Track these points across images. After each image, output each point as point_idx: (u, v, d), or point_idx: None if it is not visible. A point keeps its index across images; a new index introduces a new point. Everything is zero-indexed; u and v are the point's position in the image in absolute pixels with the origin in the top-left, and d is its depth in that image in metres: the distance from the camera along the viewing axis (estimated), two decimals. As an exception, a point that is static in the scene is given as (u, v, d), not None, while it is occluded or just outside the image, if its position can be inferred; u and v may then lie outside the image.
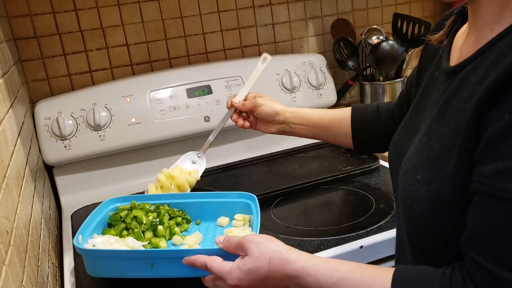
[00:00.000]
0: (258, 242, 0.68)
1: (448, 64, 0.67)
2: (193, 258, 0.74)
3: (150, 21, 1.44)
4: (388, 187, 1.17)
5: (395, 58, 1.43)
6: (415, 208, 0.61)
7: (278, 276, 0.65)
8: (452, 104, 0.60)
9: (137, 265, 0.78)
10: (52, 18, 1.33)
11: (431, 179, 0.59)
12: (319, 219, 1.07)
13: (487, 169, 0.51)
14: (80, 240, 0.83)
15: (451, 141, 0.57)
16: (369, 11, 1.69)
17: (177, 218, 0.95)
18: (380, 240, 0.95)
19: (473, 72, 0.58)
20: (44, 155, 1.25)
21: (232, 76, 1.42)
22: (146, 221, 0.91)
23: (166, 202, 0.98)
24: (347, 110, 1.01)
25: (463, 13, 0.70)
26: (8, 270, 0.58)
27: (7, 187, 0.70)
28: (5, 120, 0.82)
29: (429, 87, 0.71)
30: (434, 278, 0.55)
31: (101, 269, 0.80)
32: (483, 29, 0.60)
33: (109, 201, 0.96)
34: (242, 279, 0.67)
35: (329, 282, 0.61)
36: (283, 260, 0.65)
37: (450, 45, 0.70)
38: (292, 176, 1.30)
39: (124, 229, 0.90)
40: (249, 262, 0.67)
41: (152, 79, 1.37)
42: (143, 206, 0.94)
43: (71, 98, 1.30)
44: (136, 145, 1.33)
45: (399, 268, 0.59)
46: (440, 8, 1.79)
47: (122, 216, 0.92)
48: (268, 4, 1.56)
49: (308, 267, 0.63)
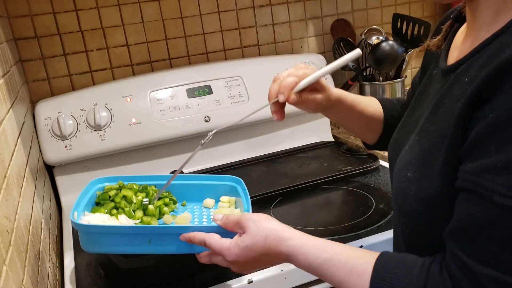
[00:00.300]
0: (256, 220, 0.70)
1: (446, 63, 0.68)
2: (191, 234, 0.75)
3: (150, 21, 1.44)
4: (388, 187, 1.17)
5: (394, 58, 1.44)
6: (406, 205, 0.63)
7: (272, 252, 0.68)
8: (444, 103, 0.61)
9: (135, 240, 0.79)
10: (53, 18, 1.34)
11: (420, 177, 0.60)
12: (319, 219, 1.08)
13: (469, 166, 0.52)
14: (75, 216, 0.83)
15: (440, 140, 0.58)
16: (369, 12, 1.69)
17: (165, 198, 0.97)
18: (379, 240, 0.95)
19: (465, 72, 0.59)
20: (45, 155, 1.26)
21: (232, 76, 1.42)
22: (136, 200, 0.92)
23: (153, 183, 0.99)
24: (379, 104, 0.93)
25: (459, 17, 0.71)
26: (9, 269, 0.58)
27: (8, 187, 0.70)
28: (6, 120, 0.83)
29: (426, 86, 0.72)
30: (414, 266, 0.57)
31: (97, 244, 0.80)
32: (480, 30, 0.60)
33: (96, 180, 0.97)
34: (239, 255, 0.70)
35: (317, 261, 0.64)
36: (278, 238, 0.68)
37: (449, 45, 0.71)
38: (292, 176, 1.30)
39: (113, 208, 0.91)
40: (247, 239, 0.69)
41: (153, 79, 1.37)
42: (131, 186, 0.96)
43: (72, 98, 1.30)
44: (136, 145, 1.33)
45: (384, 254, 0.61)
46: (440, 9, 1.79)
47: (111, 195, 0.93)
48: (268, 4, 1.56)
49: (299, 246, 0.66)
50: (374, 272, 0.59)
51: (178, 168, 0.91)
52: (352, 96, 0.89)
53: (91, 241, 0.81)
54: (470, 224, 0.52)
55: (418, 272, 0.56)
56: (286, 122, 1.53)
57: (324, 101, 0.84)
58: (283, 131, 1.54)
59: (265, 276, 0.89)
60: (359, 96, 0.91)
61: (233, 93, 1.41)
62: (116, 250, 0.81)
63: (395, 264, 0.58)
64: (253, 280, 0.88)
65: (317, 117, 1.57)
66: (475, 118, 0.52)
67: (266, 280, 0.89)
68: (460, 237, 0.54)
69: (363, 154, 1.40)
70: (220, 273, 0.91)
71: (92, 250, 0.82)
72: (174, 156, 1.42)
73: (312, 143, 1.53)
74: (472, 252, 0.52)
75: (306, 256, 0.65)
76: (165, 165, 1.40)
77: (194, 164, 1.41)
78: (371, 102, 0.93)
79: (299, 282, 0.92)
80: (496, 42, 0.55)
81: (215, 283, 0.88)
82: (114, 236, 0.79)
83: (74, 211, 0.84)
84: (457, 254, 0.53)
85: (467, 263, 0.52)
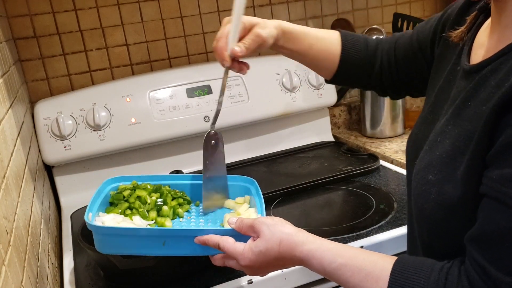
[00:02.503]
0: (269, 225, 0.70)
1: (468, 62, 0.66)
2: (205, 237, 0.75)
3: (150, 21, 1.44)
4: (388, 187, 1.17)
5: (395, 58, 1.43)
6: (426, 208, 0.62)
7: (287, 257, 0.68)
8: (469, 105, 0.59)
9: (149, 242, 0.78)
10: (52, 18, 1.33)
11: (442, 180, 0.59)
12: (319, 219, 1.07)
13: (495, 174, 0.52)
14: (90, 217, 0.83)
15: (464, 144, 0.57)
16: (369, 11, 1.69)
17: (179, 199, 0.96)
18: (380, 240, 0.95)
19: (492, 74, 0.57)
20: (44, 155, 1.25)
21: (232, 76, 1.41)
22: (150, 201, 0.91)
23: (167, 183, 0.98)
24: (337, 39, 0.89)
25: (485, 8, 0.68)
26: (8, 270, 0.58)
27: (7, 187, 0.70)
28: (5, 120, 0.82)
29: (450, 82, 0.70)
30: (432, 271, 0.56)
31: (112, 246, 0.80)
32: (507, 29, 0.58)
33: (110, 180, 0.96)
34: (253, 260, 0.69)
35: (332, 266, 0.63)
36: (292, 243, 0.67)
37: (472, 40, 0.68)
38: (292, 176, 1.30)
39: (128, 208, 0.91)
40: (261, 244, 0.69)
41: (152, 79, 1.37)
42: (145, 186, 0.95)
43: (71, 98, 1.30)
44: (136, 145, 1.33)
45: (401, 258, 0.60)
46: (440, 8, 1.79)
47: (125, 195, 0.92)
48: (268, 4, 1.56)
49: (314, 251, 0.65)
50: (391, 277, 0.58)
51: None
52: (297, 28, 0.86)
53: (105, 242, 0.80)
54: (493, 231, 0.51)
55: (436, 278, 0.55)
56: (286, 122, 1.52)
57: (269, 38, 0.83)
58: (283, 131, 1.54)
59: (266, 277, 0.88)
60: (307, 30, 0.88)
61: (233, 93, 1.40)
62: (131, 252, 0.80)
63: (413, 269, 0.57)
64: (253, 280, 0.88)
65: (317, 117, 1.57)
66: (504, 124, 0.51)
67: (266, 281, 0.89)
68: (481, 243, 0.53)
69: (364, 154, 1.39)
70: (220, 273, 0.90)
71: (107, 252, 0.81)
72: (174, 156, 1.41)
73: (312, 143, 1.53)
74: (493, 259, 0.51)
75: (321, 261, 0.64)
76: (164, 165, 1.39)
77: (196, 164, 1.40)
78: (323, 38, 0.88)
79: (299, 282, 0.91)
80: None
81: (215, 284, 0.88)
82: (128, 238, 0.79)
83: (89, 212, 0.83)
84: (477, 260, 0.53)
85: (487, 269, 0.51)
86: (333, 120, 1.68)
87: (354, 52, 0.89)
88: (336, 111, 1.69)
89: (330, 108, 1.63)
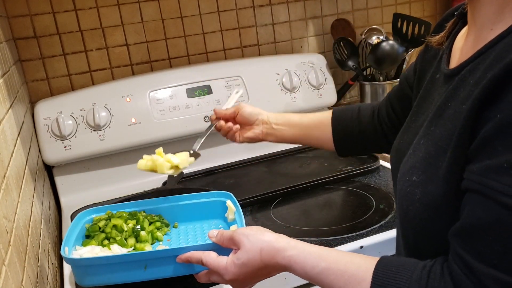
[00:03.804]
0: (248, 235, 0.70)
1: (448, 67, 0.67)
2: (188, 254, 0.75)
3: (150, 21, 1.44)
4: (388, 188, 1.17)
5: (395, 58, 1.43)
6: (411, 210, 0.62)
7: (270, 265, 0.67)
8: (450, 106, 0.60)
9: (130, 268, 0.78)
10: (52, 18, 1.33)
11: (426, 180, 0.59)
12: (319, 219, 1.07)
13: (476, 167, 0.52)
14: (66, 251, 0.82)
15: (446, 142, 0.57)
16: (369, 11, 1.69)
17: (156, 223, 0.96)
18: (380, 240, 0.95)
19: (470, 74, 0.58)
20: (44, 155, 1.25)
21: (232, 76, 1.42)
22: (127, 228, 0.91)
23: (142, 208, 0.98)
24: (328, 112, 1.02)
25: (463, 14, 0.70)
26: (8, 270, 0.58)
27: (7, 187, 0.70)
28: (5, 120, 0.82)
29: (429, 90, 0.71)
30: (414, 270, 0.56)
31: (93, 277, 0.79)
32: (483, 29, 0.59)
33: (83, 213, 0.96)
34: (237, 273, 0.69)
35: (315, 271, 0.63)
36: (273, 250, 0.67)
37: (450, 47, 0.70)
38: (292, 176, 1.30)
39: (105, 238, 0.91)
40: (242, 255, 0.68)
41: (152, 79, 1.37)
42: (120, 215, 0.95)
43: (71, 98, 1.30)
44: (136, 145, 1.33)
45: (383, 259, 0.60)
46: (440, 8, 1.79)
47: (100, 226, 0.92)
48: (268, 4, 1.56)
49: (296, 256, 0.65)
50: (374, 278, 0.58)
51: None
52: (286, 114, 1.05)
53: (86, 274, 0.79)
54: (475, 224, 0.51)
55: (418, 276, 0.55)
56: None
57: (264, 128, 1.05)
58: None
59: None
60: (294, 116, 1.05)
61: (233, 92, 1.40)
62: (112, 281, 0.79)
63: (395, 268, 0.57)
64: (253, 280, 0.88)
65: (317, 117, 1.57)
66: (483, 119, 0.52)
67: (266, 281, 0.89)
68: (464, 237, 0.53)
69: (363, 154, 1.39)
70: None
71: (89, 284, 0.80)
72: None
73: (312, 143, 1.53)
74: (476, 252, 0.51)
75: (303, 266, 0.64)
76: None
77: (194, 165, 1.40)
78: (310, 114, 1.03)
79: (299, 282, 0.91)
80: (503, 43, 0.55)
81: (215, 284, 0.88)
82: (109, 267, 0.78)
83: (65, 247, 0.83)
84: (459, 254, 0.53)
85: (470, 263, 0.51)
86: (333, 120, 1.68)
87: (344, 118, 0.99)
88: (336, 111, 1.69)
89: (330, 108, 1.63)
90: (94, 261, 0.80)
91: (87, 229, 0.93)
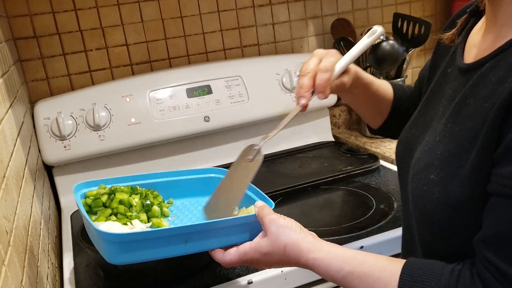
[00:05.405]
0: (278, 226, 0.69)
1: (463, 61, 0.66)
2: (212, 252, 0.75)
3: (150, 21, 1.43)
4: (388, 188, 1.17)
5: (395, 58, 1.43)
6: (428, 209, 0.61)
7: (292, 261, 0.68)
8: (469, 103, 0.59)
9: (172, 243, 0.74)
10: (52, 18, 1.33)
11: (446, 179, 0.58)
12: (319, 219, 1.07)
13: (506, 171, 0.51)
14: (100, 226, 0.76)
15: (468, 141, 0.56)
16: (369, 11, 1.69)
17: (158, 197, 0.92)
18: (380, 240, 0.95)
19: (491, 71, 0.57)
20: (44, 155, 1.25)
21: (232, 76, 1.42)
22: (136, 203, 0.87)
23: (137, 183, 0.93)
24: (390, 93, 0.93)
25: (476, 11, 0.69)
26: (8, 270, 0.58)
27: (7, 187, 0.70)
28: (5, 120, 0.82)
29: (441, 84, 0.70)
30: (442, 275, 0.55)
31: (132, 253, 0.73)
32: (503, 28, 0.59)
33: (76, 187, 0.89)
34: (257, 258, 0.70)
35: (339, 275, 0.63)
36: (297, 250, 0.66)
37: (464, 42, 0.69)
38: (292, 176, 1.30)
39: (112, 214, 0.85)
40: (266, 245, 0.69)
41: (152, 79, 1.37)
42: (122, 189, 0.89)
43: (71, 98, 1.30)
44: (136, 145, 1.33)
45: (410, 261, 0.59)
46: (440, 8, 1.78)
47: (104, 201, 0.86)
48: (268, 4, 1.55)
49: (320, 259, 0.65)
50: (400, 281, 0.57)
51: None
52: (367, 75, 0.89)
53: (124, 251, 0.73)
54: (507, 229, 0.51)
55: (447, 281, 0.54)
56: (286, 122, 1.52)
57: (348, 83, 0.84)
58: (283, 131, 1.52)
59: (265, 277, 0.89)
60: (372, 77, 0.91)
61: (233, 93, 1.40)
62: (150, 257, 0.75)
63: (422, 272, 0.56)
64: (253, 280, 0.88)
65: (317, 117, 1.57)
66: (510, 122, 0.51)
67: (266, 281, 0.89)
68: (495, 243, 0.52)
69: (364, 154, 1.39)
70: (219, 274, 0.90)
71: (123, 261, 0.74)
72: (174, 156, 1.41)
73: (312, 143, 1.53)
74: (509, 258, 0.50)
75: (327, 270, 0.64)
76: (164, 165, 1.39)
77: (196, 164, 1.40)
78: (382, 84, 0.92)
79: (299, 282, 0.91)
80: None
81: (215, 284, 0.88)
82: (150, 242, 0.73)
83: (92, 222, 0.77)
84: (491, 261, 0.52)
85: (503, 269, 0.50)
86: (333, 120, 1.68)
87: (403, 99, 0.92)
88: (336, 111, 1.69)
89: (330, 108, 1.63)
90: (135, 236, 0.74)
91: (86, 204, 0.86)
